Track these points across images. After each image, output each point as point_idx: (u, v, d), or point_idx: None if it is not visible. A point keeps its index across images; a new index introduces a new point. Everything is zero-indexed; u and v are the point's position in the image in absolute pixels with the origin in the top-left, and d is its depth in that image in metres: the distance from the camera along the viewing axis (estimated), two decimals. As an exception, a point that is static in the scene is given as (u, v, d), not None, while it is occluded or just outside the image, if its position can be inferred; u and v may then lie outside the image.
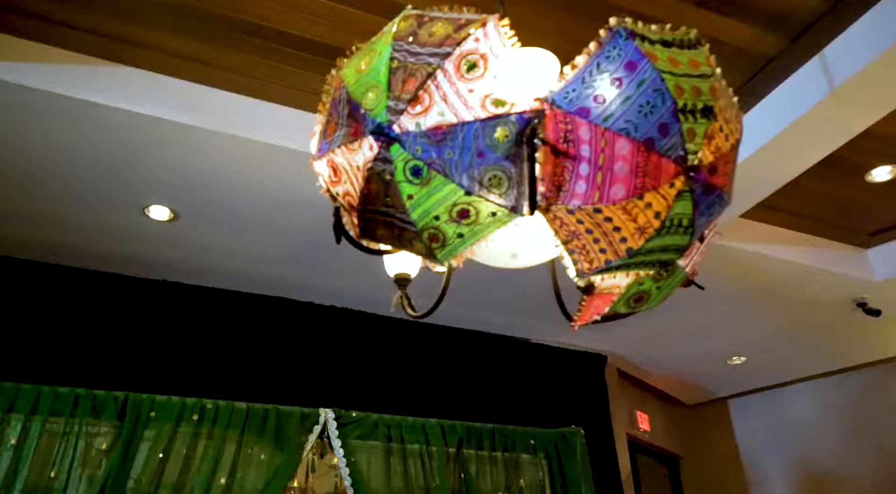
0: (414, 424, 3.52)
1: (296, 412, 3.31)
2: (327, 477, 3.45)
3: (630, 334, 4.75)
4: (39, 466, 2.85)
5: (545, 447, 3.80)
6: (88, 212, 3.20)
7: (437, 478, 3.43)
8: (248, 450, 3.16)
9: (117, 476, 2.85)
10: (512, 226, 1.70)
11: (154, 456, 2.96)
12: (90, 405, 2.96)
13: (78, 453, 2.94)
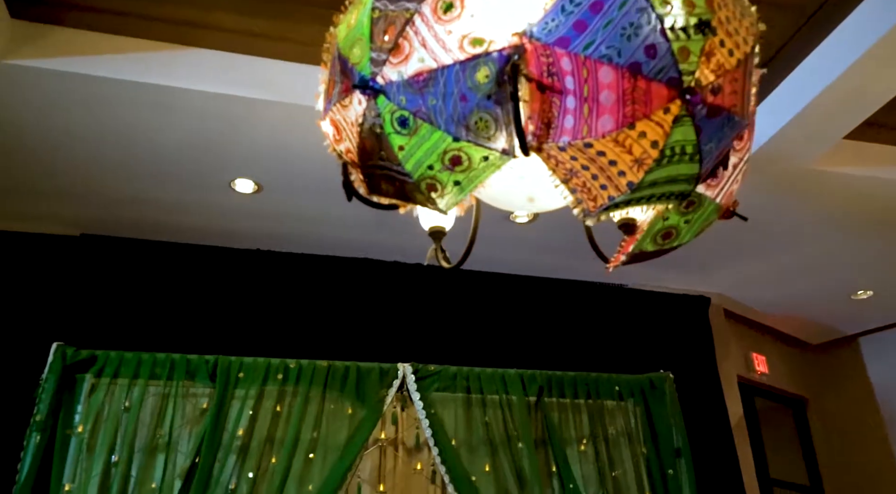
0: (493, 375, 3.57)
1: (375, 368, 3.46)
2: (410, 429, 3.59)
3: (737, 274, 4.53)
4: (152, 425, 3.17)
5: (632, 393, 3.73)
6: (179, 191, 3.46)
7: (518, 427, 3.48)
8: (330, 406, 3.35)
9: (214, 433, 3.12)
10: (517, 170, 1.68)
11: (245, 414, 3.21)
12: (185, 368, 3.24)
13: (180, 412, 3.24)
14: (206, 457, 3.07)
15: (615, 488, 3.51)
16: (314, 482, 3.16)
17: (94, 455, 3.05)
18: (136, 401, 3.17)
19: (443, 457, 3.32)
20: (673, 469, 3.58)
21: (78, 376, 3.15)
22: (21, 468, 2.93)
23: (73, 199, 3.53)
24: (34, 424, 2.99)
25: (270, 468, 3.18)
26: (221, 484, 3.08)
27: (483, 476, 3.38)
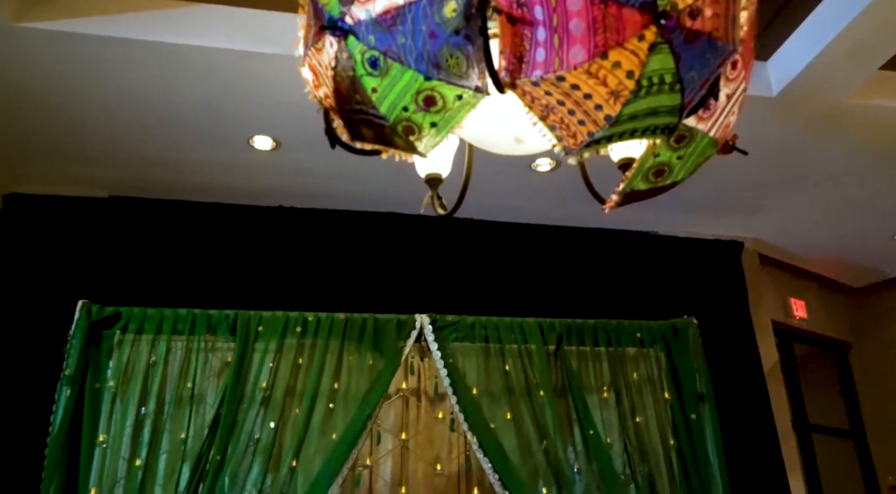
0: (511, 324, 3.58)
1: (392, 319, 3.50)
2: (431, 379, 3.64)
3: (774, 218, 4.42)
4: (179, 378, 3.29)
5: (653, 340, 3.70)
6: (198, 151, 3.51)
7: (537, 376, 3.49)
8: (349, 357, 3.41)
9: (236, 385, 3.22)
10: (500, 109, 1.64)
11: (265, 366, 3.30)
12: (206, 323, 3.34)
13: (206, 366, 3.36)
14: (229, 409, 3.18)
15: (637, 434, 3.51)
16: (335, 431, 3.24)
17: (125, 407, 3.18)
18: (161, 355, 3.29)
19: (461, 406, 3.35)
20: (696, 414, 3.56)
21: (104, 332, 3.27)
22: (54, 420, 3.08)
23: (95, 162, 3.61)
24: (64, 378, 3.13)
25: (292, 418, 3.27)
26: (245, 434, 3.18)
27: (503, 424, 3.41)
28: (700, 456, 3.48)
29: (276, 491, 3.11)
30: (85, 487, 2.99)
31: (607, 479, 3.36)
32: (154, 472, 3.11)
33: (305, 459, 3.19)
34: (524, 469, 3.35)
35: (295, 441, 3.20)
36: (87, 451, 3.05)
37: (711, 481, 3.46)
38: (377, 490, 3.65)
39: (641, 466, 3.46)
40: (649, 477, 3.45)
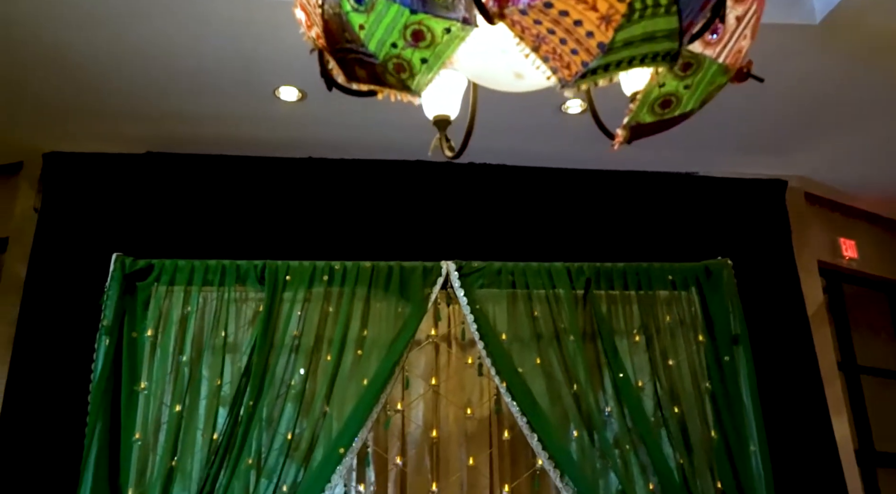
0: (539, 269, 3.55)
1: (418, 267, 3.51)
2: (457, 325, 3.66)
3: (822, 154, 4.24)
4: (213, 328, 3.40)
5: (686, 282, 3.62)
6: (224, 104, 3.55)
7: (565, 321, 3.47)
8: (376, 305, 3.45)
9: (266, 334, 3.31)
10: (497, 43, 1.58)
11: (294, 315, 3.37)
12: (235, 274, 3.42)
13: (240, 315, 3.45)
14: (261, 357, 3.27)
15: (668, 377, 3.48)
16: (364, 377, 3.30)
17: (162, 355, 3.31)
18: (194, 306, 3.39)
19: (488, 351, 3.37)
20: (730, 356, 3.50)
21: (138, 284, 3.38)
22: (94, 369, 3.23)
23: (127, 118, 3.69)
24: (102, 329, 3.27)
25: (322, 365, 3.35)
26: (277, 381, 3.28)
27: (531, 370, 3.43)
28: (734, 399, 3.44)
29: (308, 435, 3.20)
30: (128, 431, 3.13)
31: (638, 422, 3.36)
32: (193, 417, 3.23)
33: (336, 404, 3.28)
34: (554, 413, 3.37)
35: (325, 386, 3.28)
36: (127, 397, 3.19)
37: (745, 423, 3.42)
38: (409, 434, 3.74)
39: (673, 409, 3.45)
40: (681, 420, 3.43)
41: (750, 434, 3.40)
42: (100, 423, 3.13)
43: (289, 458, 3.18)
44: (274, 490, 3.11)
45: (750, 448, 3.38)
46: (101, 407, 3.16)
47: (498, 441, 3.70)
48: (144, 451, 3.19)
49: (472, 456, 3.65)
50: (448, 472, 3.68)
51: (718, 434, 3.40)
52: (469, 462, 3.64)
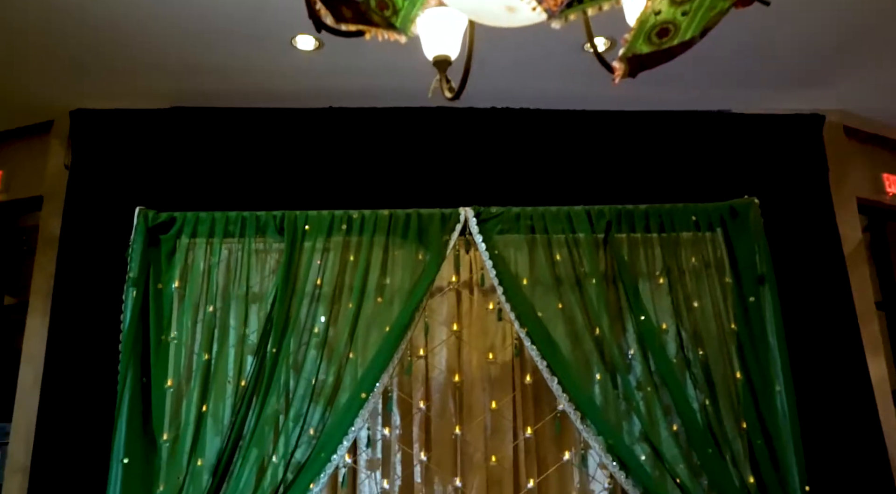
0: (558, 213, 3.51)
1: (436, 214, 3.51)
2: (478, 272, 3.66)
3: (865, 86, 4.04)
4: (236, 278, 3.47)
5: (710, 223, 3.54)
6: (242, 55, 3.55)
7: (586, 265, 3.45)
8: (395, 252, 3.48)
9: (286, 283, 3.37)
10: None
11: (313, 264, 3.43)
12: (255, 225, 3.47)
13: (263, 266, 3.52)
14: (282, 306, 3.34)
15: (692, 319, 3.45)
16: (385, 324, 3.35)
17: (188, 306, 3.40)
18: (216, 257, 3.47)
19: (507, 297, 3.38)
20: (755, 296, 3.43)
21: (161, 237, 3.47)
22: (123, 320, 3.34)
23: (148, 72, 3.71)
24: (129, 281, 3.38)
25: (343, 313, 3.40)
26: (299, 329, 3.35)
27: (552, 314, 3.43)
28: (759, 340, 3.40)
29: (332, 380, 3.28)
30: (158, 379, 3.25)
31: (660, 365, 3.34)
32: (222, 365, 3.33)
33: (358, 350, 3.34)
34: (575, 357, 3.38)
35: (347, 333, 3.34)
36: (156, 347, 3.30)
37: (770, 363, 3.38)
38: (433, 379, 3.79)
39: (697, 351, 3.42)
40: (705, 362, 3.40)
41: (775, 374, 3.36)
42: (131, 371, 3.25)
43: (313, 402, 3.27)
44: (300, 433, 3.21)
45: (775, 389, 3.35)
46: (132, 356, 3.27)
47: (521, 384, 3.74)
48: (176, 398, 3.31)
49: (495, 400, 3.70)
50: (471, 416, 3.74)
51: (743, 375, 3.37)
52: (492, 405, 3.69)
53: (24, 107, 4.19)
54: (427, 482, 3.66)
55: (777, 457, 3.24)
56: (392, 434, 3.70)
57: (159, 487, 3.13)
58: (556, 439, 3.66)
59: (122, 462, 3.12)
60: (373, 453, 3.70)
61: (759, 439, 3.26)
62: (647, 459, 3.28)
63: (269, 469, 3.17)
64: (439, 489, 3.68)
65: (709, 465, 3.23)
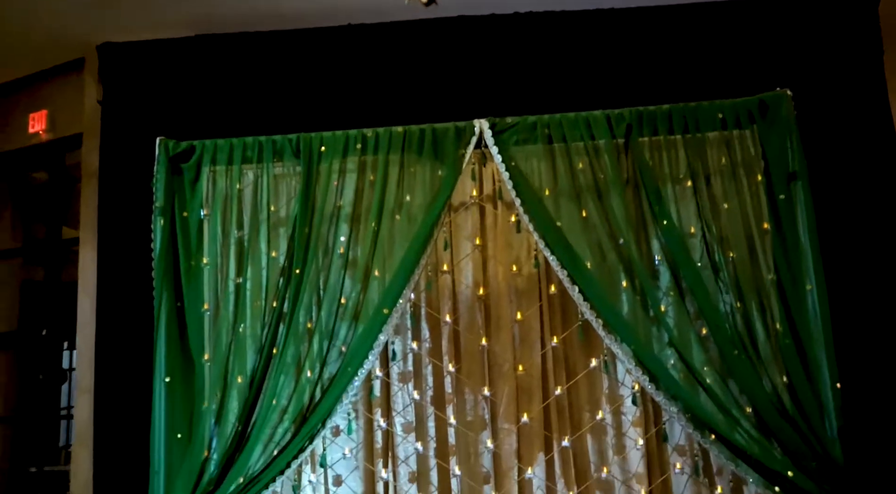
0: (576, 119, 3.42)
1: (450, 127, 3.48)
2: (498, 185, 3.62)
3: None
4: (260, 203, 3.55)
5: (737, 120, 3.37)
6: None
7: (606, 172, 3.37)
8: (411, 169, 3.48)
9: (306, 205, 3.44)
10: None
11: (331, 185, 3.47)
12: (272, 149, 3.52)
13: (282, 189, 3.59)
14: (303, 227, 3.42)
15: (718, 222, 3.37)
16: (403, 241, 3.40)
17: (214, 233, 3.52)
18: (238, 184, 3.55)
19: (525, 208, 3.35)
20: (785, 194, 3.29)
21: (183, 165, 3.56)
22: (154, 248, 3.49)
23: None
24: (156, 210, 3.51)
25: (362, 232, 3.46)
26: (321, 250, 3.44)
27: (573, 224, 3.39)
28: (790, 239, 3.28)
29: (355, 298, 3.39)
30: (192, 303, 3.42)
31: (685, 270, 3.28)
32: (252, 287, 3.45)
33: (380, 268, 3.41)
34: (598, 266, 3.34)
35: (368, 252, 3.41)
36: (186, 272, 3.45)
37: (802, 262, 3.28)
38: (460, 294, 3.84)
39: (726, 254, 3.35)
40: (734, 264, 3.32)
41: (807, 273, 3.27)
42: (165, 296, 3.42)
43: (339, 319, 3.38)
44: (328, 349, 3.34)
45: (806, 288, 3.26)
46: (164, 282, 3.43)
47: (546, 295, 3.74)
48: (211, 320, 3.48)
49: (521, 312, 3.73)
50: (499, 328, 3.79)
51: (773, 276, 3.29)
52: (517, 316, 3.71)
53: (57, 45, 4.31)
54: (458, 392, 3.77)
55: (807, 357, 3.19)
56: (422, 348, 3.80)
57: (203, 404, 3.33)
58: (583, 347, 3.69)
59: (164, 381, 3.33)
60: (404, 366, 3.82)
61: (788, 339, 3.21)
62: (674, 365, 3.27)
63: (300, 384, 3.32)
64: (470, 398, 3.78)
65: (737, 369, 3.20)
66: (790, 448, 3.09)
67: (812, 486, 3.01)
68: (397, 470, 3.71)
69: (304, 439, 3.24)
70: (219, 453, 3.25)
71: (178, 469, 3.24)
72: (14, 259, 5.32)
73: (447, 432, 3.72)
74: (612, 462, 3.66)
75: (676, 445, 3.57)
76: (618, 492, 3.62)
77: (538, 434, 3.70)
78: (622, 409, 3.68)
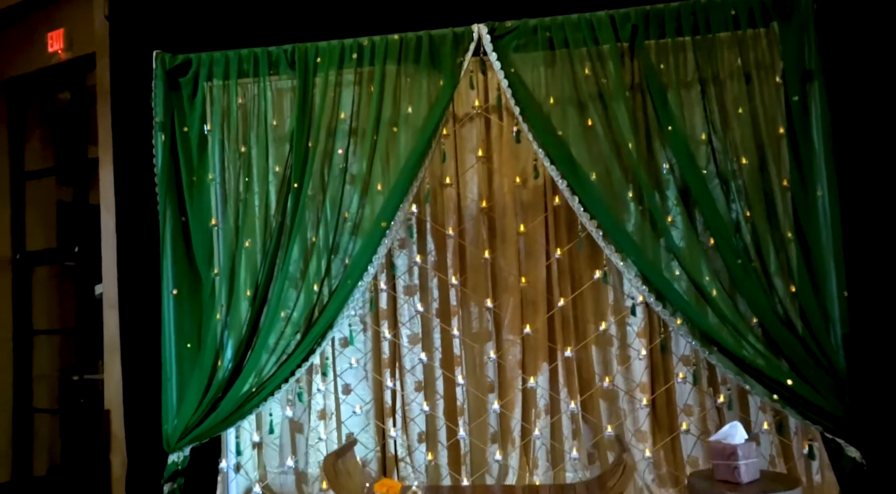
0: (578, 22, 3.26)
1: (448, 34, 3.36)
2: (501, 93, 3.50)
3: None
4: (261, 116, 3.52)
5: (750, 17, 3.16)
6: None
7: (611, 78, 3.21)
8: (407, 79, 3.40)
9: (303, 118, 3.41)
10: None
11: (328, 97, 3.42)
12: (267, 61, 3.47)
13: (280, 103, 3.56)
14: (300, 142, 3.40)
15: (727, 127, 3.23)
16: (401, 153, 3.35)
17: (216, 148, 3.54)
18: (235, 97, 3.52)
19: (525, 116, 3.25)
20: (800, 95, 3.10)
21: (180, 80, 3.54)
22: (156, 164, 3.52)
23: None
24: (157, 125, 3.53)
25: (359, 145, 3.43)
26: (318, 162, 3.43)
27: (574, 133, 3.29)
28: (802, 142, 3.12)
29: (354, 211, 3.39)
30: (196, 218, 3.48)
31: (691, 178, 3.17)
32: (254, 202, 3.49)
33: (378, 182, 3.39)
34: (602, 177, 3.26)
35: (366, 165, 3.39)
36: (188, 187, 3.50)
37: (815, 167, 3.13)
38: (465, 207, 3.80)
39: (732, 161, 3.22)
40: (740, 172, 3.20)
41: (819, 178, 3.13)
42: (169, 211, 3.49)
43: (338, 232, 3.41)
44: (328, 262, 3.37)
45: (817, 193, 3.13)
46: (168, 198, 3.49)
47: (552, 207, 3.68)
48: (219, 235, 3.54)
49: (526, 224, 3.68)
50: (504, 240, 3.77)
51: (782, 181, 3.16)
52: (520, 228, 3.67)
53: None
54: (463, 305, 3.80)
55: (814, 265, 3.10)
56: (427, 262, 3.81)
57: (211, 315, 3.43)
58: (588, 259, 3.65)
59: (171, 294, 3.43)
60: (409, 280, 3.84)
61: (796, 247, 3.11)
62: (679, 277, 3.20)
63: (304, 296, 3.39)
64: (475, 310, 3.81)
65: (743, 280, 3.12)
66: (793, 358, 3.05)
67: (812, 393, 2.98)
68: (404, 380, 3.81)
69: (308, 348, 3.33)
70: (227, 361, 3.37)
71: (189, 376, 3.39)
72: (48, 177, 5.50)
73: (452, 343, 3.77)
74: (616, 372, 3.67)
75: (682, 356, 3.56)
76: (621, 401, 3.66)
77: (542, 345, 3.73)
78: (627, 321, 3.67)
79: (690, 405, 3.60)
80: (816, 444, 3.25)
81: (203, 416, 3.34)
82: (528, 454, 3.72)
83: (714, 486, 2.64)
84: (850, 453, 2.98)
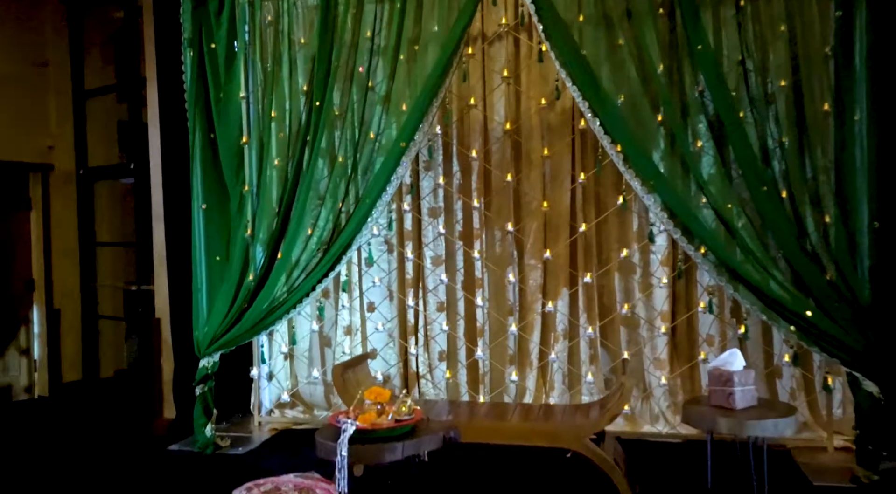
0: (609, -65, 3.07)
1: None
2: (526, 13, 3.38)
3: None
4: (287, 34, 3.57)
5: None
6: None
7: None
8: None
9: (324, 35, 3.41)
10: None
11: (349, 16, 3.39)
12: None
13: (306, 22, 3.57)
14: (321, 60, 3.43)
15: (766, 49, 3.05)
16: (422, 72, 3.34)
17: (240, 65, 3.59)
18: (259, 13, 3.56)
19: (547, 34, 3.15)
20: (843, 10, 2.91)
21: (208, -2, 3.61)
22: (185, 80, 3.63)
23: None
24: (185, 41, 3.63)
25: (380, 64, 3.44)
26: (340, 82, 3.46)
27: (599, 54, 3.20)
28: (842, 62, 2.93)
29: (375, 128, 3.42)
30: (224, 134, 3.58)
31: (718, 101, 3.01)
32: (279, 118, 3.56)
33: (398, 99, 3.40)
34: (628, 99, 3.17)
35: (386, 83, 3.40)
36: (216, 104, 3.59)
37: (855, 89, 2.93)
38: (492, 130, 3.74)
39: (770, 82, 3.06)
40: (774, 96, 3.03)
41: (857, 100, 2.94)
42: (198, 127, 3.62)
43: (358, 151, 3.46)
44: (349, 178, 3.44)
45: (854, 117, 2.94)
46: (197, 114, 3.62)
47: (578, 130, 3.58)
48: (244, 151, 3.64)
49: (551, 147, 3.60)
50: (529, 163, 3.71)
51: (818, 105, 2.99)
52: (545, 152, 3.59)
53: None
54: (486, 228, 3.80)
55: (845, 192, 2.96)
56: (450, 183, 3.80)
57: (239, 230, 3.57)
58: (614, 185, 3.57)
59: (201, 209, 3.59)
60: (434, 201, 3.86)
61: (824, 175, 2.98)
62: (706, 205, 3.10)
63: (326, 213, 3.49)
64: (498, 233, 3.81)
65: (768, 209, 3.00)
66: (815, 290, 2.94)
67: (831, 325, 2.89)
68: (426, 300, 3.90)
69: (328, 264, 3.44)
70: (253, 274, 3.52)
71: (217, 288, 3.57)
72: (108, 95, 5.69)
73: (474, 266, 3.81)
74: (638, 299, 3.63)
75: (707, 286, 3.47)
76: (641, 329, 3.63)
77: (563, 270, 3.73)
78: (651, 248, 3.60)
79: (713, 335, 3.55)
80: (840, 379, 3.17)
81: (230, 325, 3.54)
82: (545, 376, 3.77)
83: (707, 411, 2.61)
84: (868, 387, 2.90)
